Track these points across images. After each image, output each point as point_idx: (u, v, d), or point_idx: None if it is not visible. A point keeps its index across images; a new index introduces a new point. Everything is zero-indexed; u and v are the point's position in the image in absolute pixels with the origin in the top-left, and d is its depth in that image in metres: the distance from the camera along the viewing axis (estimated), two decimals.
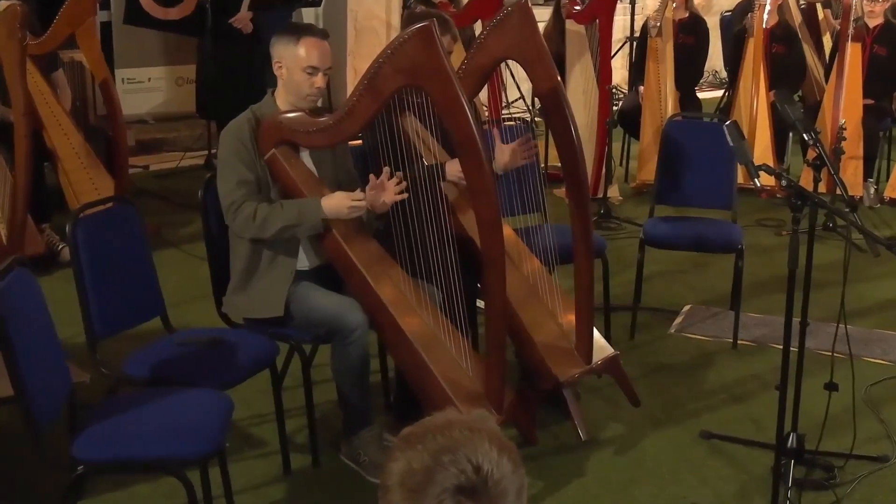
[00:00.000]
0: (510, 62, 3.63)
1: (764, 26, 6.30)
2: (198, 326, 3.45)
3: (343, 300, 3.12)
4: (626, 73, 8.04)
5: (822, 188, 5.78)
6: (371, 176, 3.07)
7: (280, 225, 3.05)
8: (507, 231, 3.48)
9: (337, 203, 3.04)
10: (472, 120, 2.74)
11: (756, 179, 2.92)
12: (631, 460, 3.33)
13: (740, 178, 4.78)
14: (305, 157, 3.23)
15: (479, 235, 2.89)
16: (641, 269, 4.35)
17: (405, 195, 3.05)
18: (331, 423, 3.47)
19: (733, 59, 6.71)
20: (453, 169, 3.31)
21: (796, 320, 2.97)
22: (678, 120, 4.78)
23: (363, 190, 3.10)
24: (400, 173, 3.05)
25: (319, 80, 3.13)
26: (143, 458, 2.51)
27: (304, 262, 3.24)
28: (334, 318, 3.06)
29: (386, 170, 3.03)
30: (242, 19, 6.29)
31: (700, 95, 7.14)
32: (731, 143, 3.01)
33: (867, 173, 6.22)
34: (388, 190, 3.04)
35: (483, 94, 6.28)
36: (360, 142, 3.41)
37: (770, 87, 6.33)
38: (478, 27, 5.95)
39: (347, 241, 3.13)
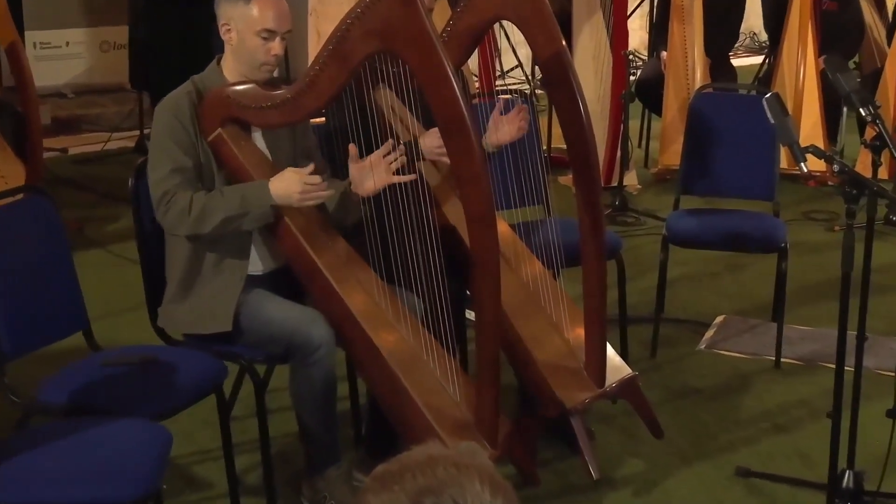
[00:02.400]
0: (505, 23, 3.62)
1: None
2: (128, 344, 3.44)
3: (304, 311, 3.12)
4: (645, 36, 8.08)
5: (882, 174, 5.81)
6: (351, 146, 3.08)
7: (221, 216, 3.05)
8: (503, 227, 3.49)
9: (287, 185, 3.04)
10: (460, 93, 2.74)
11: (802, 164, 2.93)
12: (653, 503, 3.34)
13: (783, 163, 4.81)
14: (258, 138, 3.24)
15: (467, 232, 2.90)
16: (664, 273, 4.37)
17: (412, 176, 3.05)
18: (290, 459, 3.47)
19: (775, 18, 6.73)
20: (430, 143, 3.32)
21: (851, 333, 2.98)
22: (708, 92, 4.82)
23: (333, 176, 3.10)
24: (392, 142, 3.05)
25: (276, 46, 3.13)
26: None
27: (256, 264, 3.24)
28: (294, 333, 3.07)
29: (388, 146, 3.04)
30: None
31: (735, 62, 7.18)
32: (773, 120, 3.02)
33: None
34: (380, 166, 3.05)
35: (472, 62, 6.30)
36: (323, 120, 3.42)
37: (820, 52, 6.36)
38: None
39: (309, 239, 3.13)
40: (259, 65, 3.15)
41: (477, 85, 6.23)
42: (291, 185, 3.04)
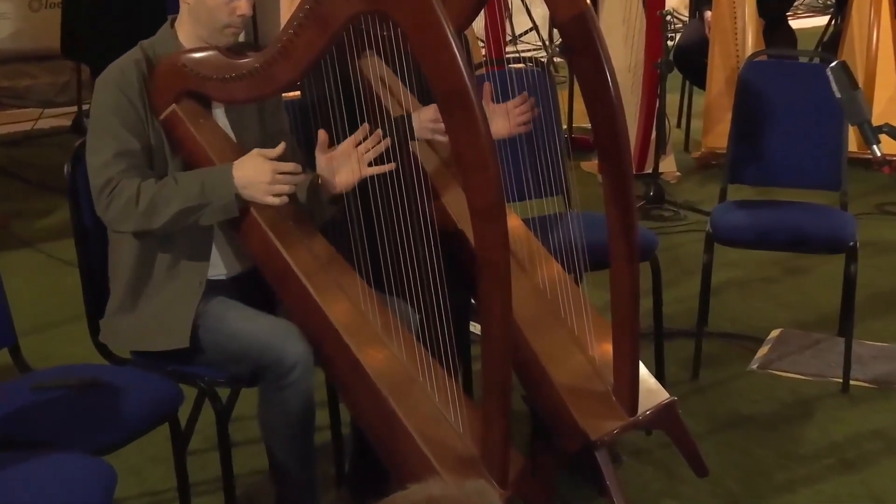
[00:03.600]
0: None
1: None
2: (63, 363, 3.45)
3: (276, 324, 3.13)
4: None
5: None
6: (321, 132, 3.09)
7: (175, 208, 3.04)
8: (514, 222, 3.49)
9: (253, 174, 3.04)
10: (463, 62, 2.72)
11: (875, 147, 2.93)
12: None
13: (852, 145, 4.82)
14: (220, 116, 3.25)
15: (472, 229, 2.87)
16: (709, 278, 4.38)
17: (391, 166, 3.07)
18: (258, 502, 3.45)
19: None
20: (426, 118, 3.32)
21: None
22: (762, 60, 4.80)
23: (309, 162, 3.12)
24: (366, 127, 3.06)
25: (242, 5, 3.14)
26: None
27: (219, 268, 3.26)
28: (264, 350, 3.06)
29: (360, 129, 3.05)
30: None
31: (794, 24, 7.17)
32: (839, 94, 3.02)
33: None
34: (352, 157, 3.08)
35: (478, 25, 6.29)
36: (298, 94, 3.42)
37: None
38: None
39: (281, 236, 3.13)
40: (221, 27, 3.15)
41: (483, 52, 6.23)
42: (259, 173, 3.03)
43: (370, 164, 3.10)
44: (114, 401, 3.02)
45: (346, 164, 3.11)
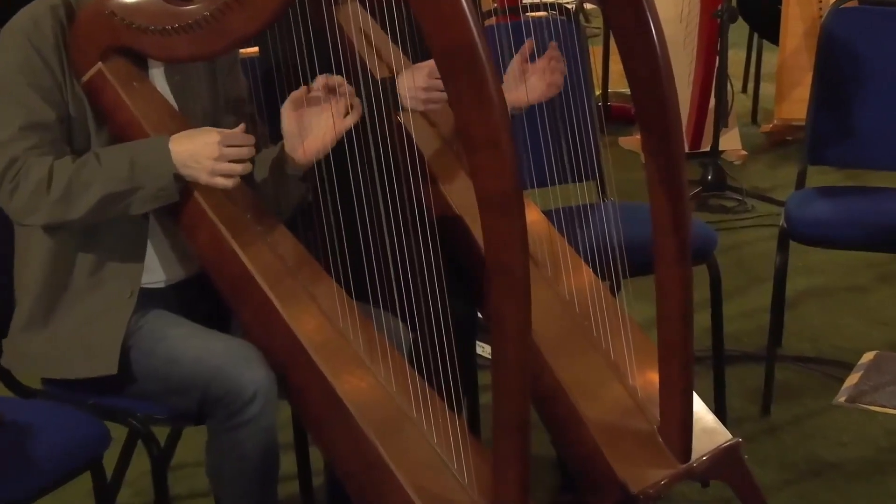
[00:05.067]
0: None
1: None
2: None
3: (230, 345, 3.14)
4: None
5: None
6: (302, 89, 3.10)
7: (98, 194, 3.03)
8: (534, 215, 3.53)
9: (195, 147, 3.03)
10: (469, 11, 2.69)
11: None
12: None
13: None
14: (159, 78, 3.26)
15: (481, 224, 2.85)
16: (783, 286, 4.38)
17: (358, 112, 3.09)
18: None
19: None
20: (416, 80, 3.35)
21: None
22: (852, 7, 4.79)
23: (274, 137, 3.15)
24: (340, 81, 3.09)
25: None
26: None
27: (156, 272, 3.27)
28: (214, 378, 3.06)
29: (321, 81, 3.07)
30: None
31: None
32: None
33: None
34: (324, 110, 3.10)
35: None
36: (256, 49, 3.45)
37: None
38: None
39: (238, 233, 3.15)
40: None
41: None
42: (203, 146, 3.03)
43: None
44: (18, 444, 2.99)
45: (318, 119, 3.12)
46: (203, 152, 3.02)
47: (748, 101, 6.98)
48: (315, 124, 3.13)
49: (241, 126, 3.07)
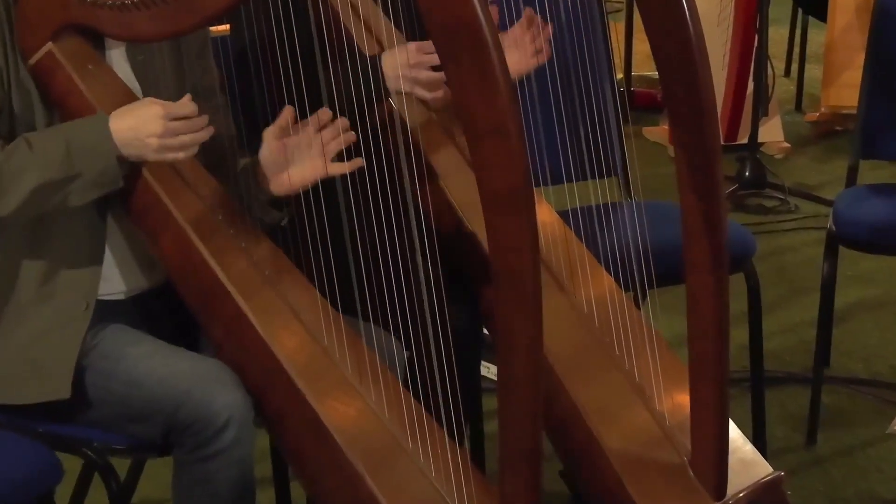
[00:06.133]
0: None
1: None
2: None
3: (199, 365, 3.07)
4: None
5: None
6: (286, 109, 3.04)
7: (31, 183, 2.94)
8: (548, 216, 3.49)
9: (137, 123, 2.95)
10: None
11: None
12: None
13: None
14: (118, 60, 3.20)
15: (485, 224, 2.79)
16: (831, 297, 4.32)
17: (358, 163, 3.07)
18: None
19: None
20: (402, 57, 3.29)
21: None
22: None
23: (250, 132, 3.12)
24: (327, 112, 3.07)
25: None
26: None
27: (115, 282, 3.20)
28: (182, 403, 2.99)
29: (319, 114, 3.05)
30: None
31: None
32: None
33: None
34: (313, 146, 3.08)
35: None
36: (228, 28, 3.44)
37: None
38: None
39: (207, 237, 3.09)
40: None
41: None
42: (146, 122, 2.95)
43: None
44: None
45: (306, 155, 3.09)
46: (146, 129, 2.95)
47: (791, 86, 7.01)
48: (303, 159, 3.09)
49: (187, 96, 3.01)
